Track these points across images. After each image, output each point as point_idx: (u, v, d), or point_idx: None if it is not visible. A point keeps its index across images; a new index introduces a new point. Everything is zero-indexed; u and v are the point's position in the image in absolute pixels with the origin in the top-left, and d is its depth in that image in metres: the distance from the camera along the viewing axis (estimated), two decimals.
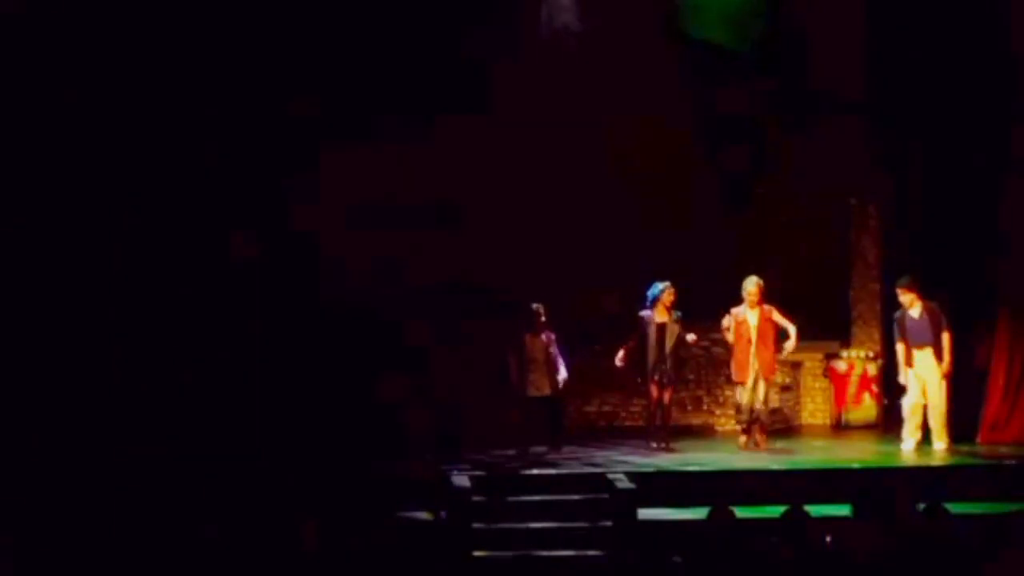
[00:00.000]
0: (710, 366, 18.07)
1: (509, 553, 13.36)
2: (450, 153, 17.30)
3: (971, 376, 16.44)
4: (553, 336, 15.99)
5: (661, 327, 16.10)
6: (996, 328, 16.47)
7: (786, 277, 17.41)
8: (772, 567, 9.24)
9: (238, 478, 14.03)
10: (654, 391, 16.19)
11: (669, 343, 16.06)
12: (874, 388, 17.81)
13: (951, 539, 9.42)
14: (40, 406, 15.18)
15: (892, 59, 17.41)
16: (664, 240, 17.65)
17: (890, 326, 16.75)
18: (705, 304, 16.80)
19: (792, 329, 16.05)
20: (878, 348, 17.91)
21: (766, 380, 16.15)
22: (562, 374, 16.01)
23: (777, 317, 16.08)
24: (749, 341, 16.04)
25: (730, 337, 16.17)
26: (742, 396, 16.23)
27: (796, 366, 18.36)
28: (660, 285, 16.15)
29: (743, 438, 16.28)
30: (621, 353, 16.13)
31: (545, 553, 13.34)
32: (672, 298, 16.13)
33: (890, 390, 17.36)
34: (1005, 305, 16.48)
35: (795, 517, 9.70)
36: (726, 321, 16.17)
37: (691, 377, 18.11)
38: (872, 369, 17.89)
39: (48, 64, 15.63)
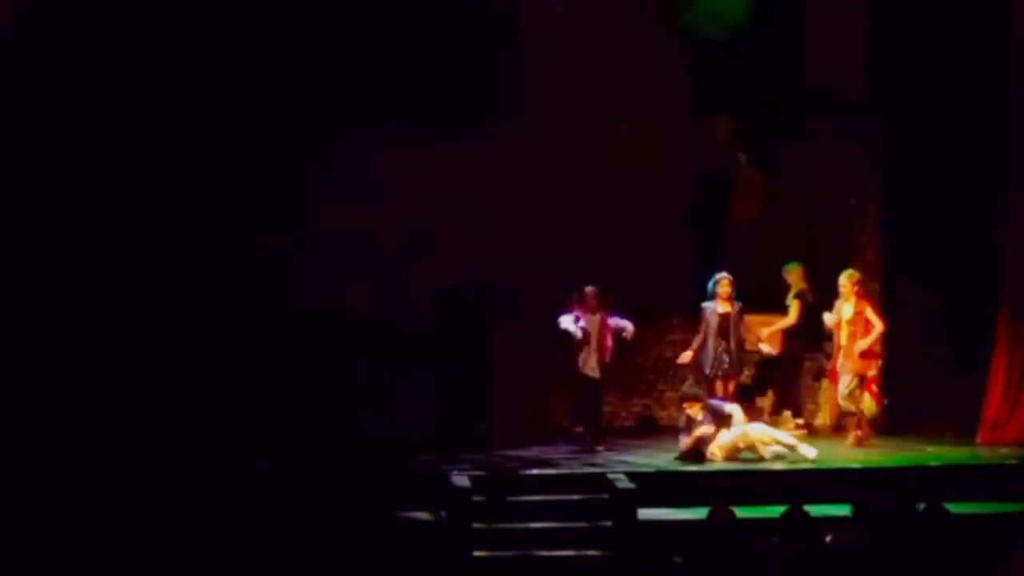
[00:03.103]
0: None
1: (509, 553, 13.36)
2: (452, 155, 17.36)
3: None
4: (607, 314, 16.05)
5: (724, 317, 16.17)
6: (996, 328, 16.47)
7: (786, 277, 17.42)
8: (772, 567, 9.24)
9: (238, 478, 14.02)
10: (719, 385, 16.20)
11: (733, 334, 16.12)
12: (874, 388, 17.77)
13: (951, 539, 9.42)
14: (40, 406, 15.18)
15: (892, 59, 17.40)
16: (663, 240, 17.66)
17: (890, 325, 16.75)
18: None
19: (876, 327, 16.11)
20: (878, 348, 17.89)
21: (857, 375, 16.15)
22: (628, 329, 16.03)
23: (869, 314, 16.12)
24: (834, 333, 16.22)
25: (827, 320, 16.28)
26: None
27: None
28: (716, 276, 16.23)
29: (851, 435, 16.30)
30: (688, 353, 16.25)
31: (545, 553, 13.34)
32: (729, 289, 16.18)
33: (890, 390, 17.37)
34: (1005, 305, 16.48)
35: (795, 517, 9.70)
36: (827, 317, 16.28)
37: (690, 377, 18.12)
38: (872, 369, 17.87)
39: (48, 64, 15.64)
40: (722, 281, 16.22)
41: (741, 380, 16.75)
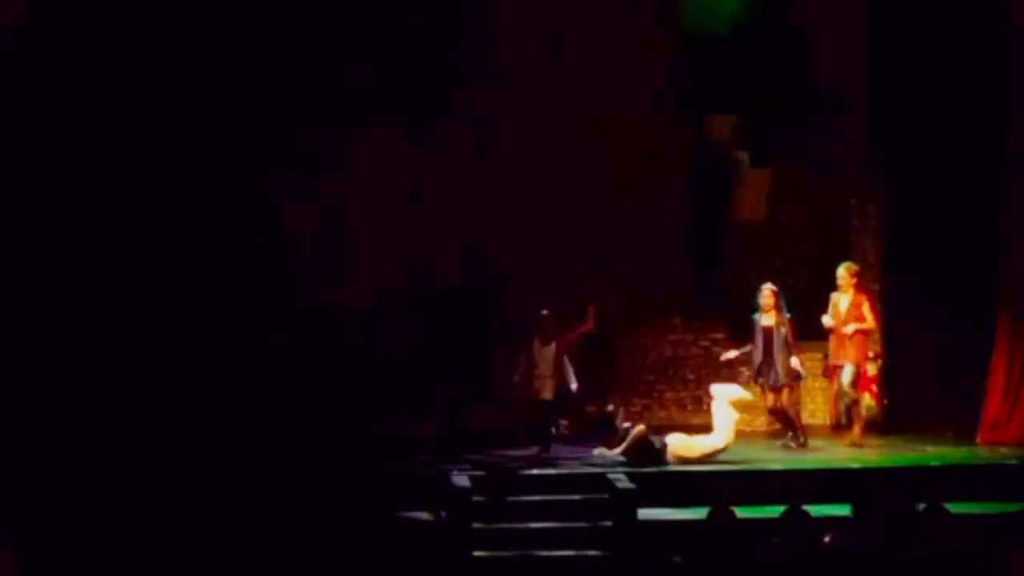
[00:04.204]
0: (709, 366, 18.05)
1: (509, 553, 13.36)
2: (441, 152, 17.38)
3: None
4: (563, 345, 15.82)
5: (767, 330, 16.03)
6: (996, 328, 16.47)
7: (786, 277, 17.43)
8: (772, 567, 9.24)
9: (238, 478, 14.03)
10: (770, 397, 16.12)
11: (776, 345, 15.98)
12: (874, 388, 17.80)
13: (951, 539, 9.41)
14: (40, 406, 15.18)
15: (892, 58, 17.40)
16: (663, 240, 17.66)
17: (890, 325, 16.77)
18: (703, 303, 16.82)
19: (868, 323, 16.03)
20: (878, 348, 17.91)
21: (855, 366, 16.07)
22: (572, 384, 15.84)
23: (865, 310, 16.03)
24: (834, 327, 16.06)
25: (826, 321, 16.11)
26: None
27: None
28: (761, 288, 16.10)
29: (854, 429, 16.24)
30: (746, 350, 16.19)
31: (545, 553, 13.34)
32: (771, 300, 16.01)
33: (890, 390, 17.39)
34: (1005, 305, 16.48)
35: (795, 517, 9.69)
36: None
37: (691, 377, 18.11)
38: (872, 369, 17.88)
39: (48, 64, 15.64)
40: (763, 292, 16.04)
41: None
